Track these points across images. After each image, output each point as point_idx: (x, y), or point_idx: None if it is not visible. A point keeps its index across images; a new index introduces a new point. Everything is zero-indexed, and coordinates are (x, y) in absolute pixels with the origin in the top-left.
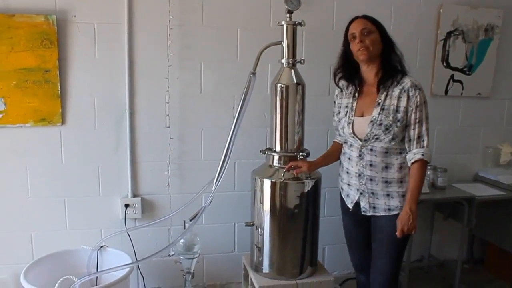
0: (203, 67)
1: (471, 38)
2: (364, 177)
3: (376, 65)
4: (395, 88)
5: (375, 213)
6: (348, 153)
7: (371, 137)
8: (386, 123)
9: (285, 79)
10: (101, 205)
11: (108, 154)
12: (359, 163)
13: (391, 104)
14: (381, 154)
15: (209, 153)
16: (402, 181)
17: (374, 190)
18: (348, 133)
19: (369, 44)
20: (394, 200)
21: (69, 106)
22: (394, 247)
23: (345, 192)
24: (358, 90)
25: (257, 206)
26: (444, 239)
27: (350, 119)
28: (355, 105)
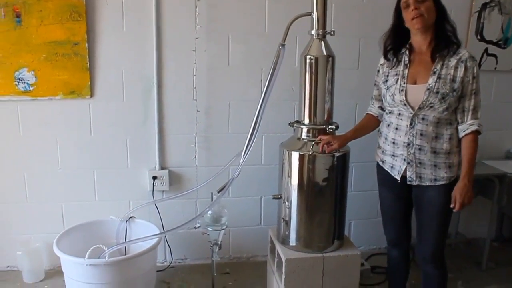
0: (231, 40)
1: (508, 10)
2: (413, 146)
3: (429, 34)
4: (451, 58)
5: (421, 183)
6: (395, 123)
7: (426, 105)
8: (443, 91)
9: (315, 51)
10: (129, 177)
11: (136, 126)
12: (408, 132)
13: (447, 74)
14: (433, 123)
15: (236, 126)
16: (450, 153)
17: (422, 160)
18: (399, 100)
19: (424, 11)
20: (441, 170)
21: (97, 78)
22: (443, 218)
23: (388, 164)
24: (410, 58)
25: (285, 180)
26: (473, 217)
27: (403, 86)
28: (406, 73)
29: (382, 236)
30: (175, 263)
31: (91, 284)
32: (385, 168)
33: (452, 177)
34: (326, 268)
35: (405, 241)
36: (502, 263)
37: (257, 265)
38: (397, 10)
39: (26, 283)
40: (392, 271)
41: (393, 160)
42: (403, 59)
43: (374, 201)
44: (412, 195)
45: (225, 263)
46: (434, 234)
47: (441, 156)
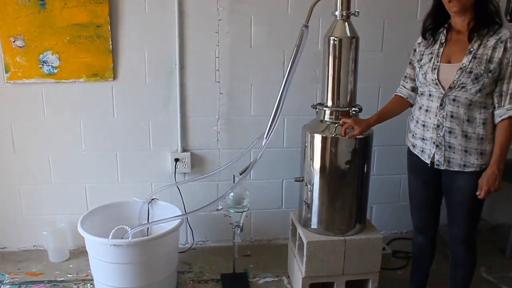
0: (253, 21)
1: None
2: (443, 128)
3: (469, 14)
4: (490, 38)
5: (449, 168)
6: (426, 105)
7: (457, 85)
8: (477, 71)
9: (339, 32)
10: (152, 159)
11: (158, 108)
12: (438, 114)
13: (484, 54)
14: (464, 105)
15: (258, 109)
16: (483, 138)
17: (452, 144)
18: (431, 79)
19: None
20: (471, 157)
21: (120, 61)
22: (473, 205)
23: (419, 148)
24: (447, 37)
25: (307, 162)
26: (497, 203)
27: (436, 64)
28: (441, 52)
29: (403, 220)
30: (196, 244)
31: (115, 264)
32: (416, 153)
33: (484, 165)
34: (348, 251)
35: (432, 228)
36: None
37: (278, 248)
38: None
39: (51, 262)
40: (417, 257)
41: (423, 144)
42: (440, 38)
43: (395, 185)
44: (442, 181)
45: (246, 245)
46: (465, 220)
47: (473, 142)
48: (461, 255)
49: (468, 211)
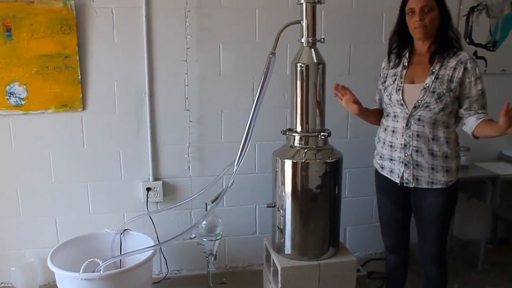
0: (222, 49)
1: (496, 13)
2: (410, 147)
3: (431, 39)
4: (451, 59)
5: (418, 185)
6: (392, 126)
7: (421, 105)
8: (440, 91)
9: (305, 59)
10: (123, 189)
11: (129, 138)
12: (405, 134)
13: (445, 74)
14: (429, 124)
15: (229, 135)
16: (448, 156)
17: (419, 162)
18: (396, 100)
19: (428, 23)
20: (438, 174)
21: (89, 91)
22: (441, 221)
23: (387, 168)
24: (408, 60)
25: (279, 188)
26: (467, 219)
27: (400, 85)
28: (404, 73)
29: (378, 241)
30: (171, 274)
31: None
32: (385, 174)
33: (450, 182)
34: (322, 276)
35: (403, 247)
36: (498, 265)
37: (254, 274)
38: (402, 10)
39: None
40: (390, 277)
41: (391, 164)
42: (403, 61)
43: (369, 206)
44: (411, 200)
45: (221, 272)
46: (434, 237)
47: (439, 159)
48: (433, 273)
49: (438, 228)
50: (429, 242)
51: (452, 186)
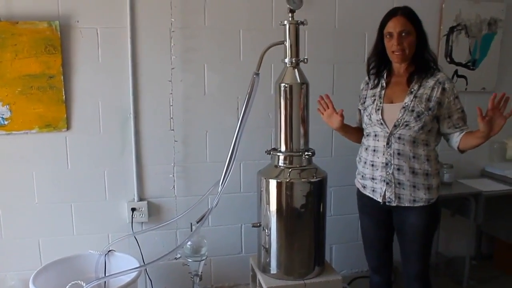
0: (206, 69)
1: (474, 33)
2: (392, 166)
3: (408, 62)
4: (429, 80)
5: (400, 204)
6: (373, 145)
7: (401, 123)
8: (418, 110)
9: (289, 79)
10: (108, 210)
11: (113, 158)
12: (386, 152)
13: (424, 93)
14: (409, 143)
15: (214, 155)
16: (428, 174)
17: (401, 180)
18: (376, 119)
19: (406, 47)
20: (420, 192)
21: (74, 111)
22: (424, 240)
23: (369, 188)
24: (386, 81)
25: (264, 207)
26: (452, 236)
27: (379, 105)
28: (383, 94)
29: (364, 259)
30: None
31: None
32: (367, 193)
33: (431, 199)
34: None
35: (386, 266)
36: (483, 281)
37: None
38: (381, 31)
39: None
40: None
41: (373, 183)
42: (381, 82)
43: (354, 224)
44: (393, 219)
45: None
46: (418, 255)
47: (420, 177)
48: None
49: (421, 246)
50: (413, 260)
51: (433, 204)
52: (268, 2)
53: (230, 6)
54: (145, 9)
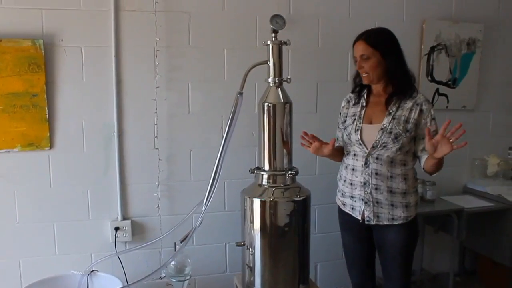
0: (191, 88)
1: (454, 52)
2: (369, 185)
3: (384, 82)
4: (407, 101)
5: (379, 222)
6: (352, 164)
7: (379, 144)
8: (396, 131)
9: (272, 98)
10: (91, 229)
11: (97, 177)
12: (364, 172)
13: (402, 115)
14: (387, 163)
15: (198, 174)
16: (406, 193)
17: (379, 199)
18: (355, 139)
19: (368, 70)
20: (398, 210)
21: (57, 130)
22: (404, 257)
23: (349, 206)
24: (366, 100)
25: (247, 226)
26: (436, 253)
27: (358, 126)
28: (363, 114)
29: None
30: None
31: None
32: (347, 211)
33: (410, 217)
34: None
35: (370, 283)
36: None
37: None
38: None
39: None
40: None
41: (352, 201)
42: (361, 101)
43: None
44: (374, 237)
45: None
46: (399, 273)
47: (398, 196)
48: None
49: (401, 264)
50: (394, 277)
51: (412, 221)
52: (252, 22)
53: (214, 26)
54: (130, 28)
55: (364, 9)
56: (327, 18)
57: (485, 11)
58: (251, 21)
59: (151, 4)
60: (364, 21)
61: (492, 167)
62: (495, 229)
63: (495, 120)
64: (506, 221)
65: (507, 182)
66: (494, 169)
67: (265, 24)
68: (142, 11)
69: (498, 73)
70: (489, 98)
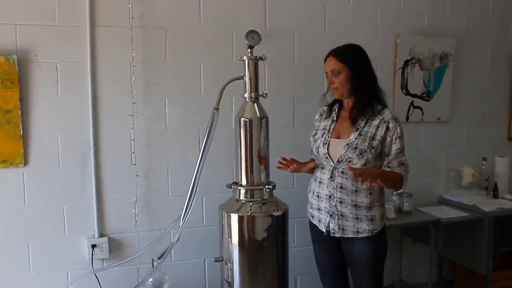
0: (168, 103)
1: (428, 66)
2: (334, 199)
3: (354, 97)
4: (375, 117)
5: (344, 235)
6: (319, 177)
7: (344, 159)
8: (362, 147)
9: (248, 113)
10: (67, 247)
11: (73, 193)
12: (330, 185)
13: (368, 131)
14: (352, 177)
15: (176, 189)
16: (371, 206)
17: (344, 213)
18: (322, 153)
19: (338, 85)
20: (362, 223)
21: (31, 146)
22: (373, 269)
23: (316, 218)
24: (337, 115)
25: (226, 241)
26: (414, 263)
27: (326, 140)
28: (332, 128)
29: None
30: None
31: None
32: (314, 223)
33: (375, 230)
34: None
35: None
36: None
37: None
38: None
39: None
40: None
41: (319, 214)
42: (332, 116)
43: None
44: (343, 249)
45: None
46: (368, 285)
47: (362, 209)
48: None
49: (370, 276)
50: None
51: (378, 234)
52: (228, 37)
53: (190, 41)
54: (105, 43)
55: (339, 24)
56: (303, 33)
57: (456, 26)
58: (228, 36)
59: (127, 19)
60: (339, 36)
61: (466, 177)
62: (471, 238)
63: (469, 131)
64: (481, 231)
65: (481, 192)
66: (469, 180)
67: (242, 39)
68: (118, 27)
69: (470, 85)
70: (463, 110)
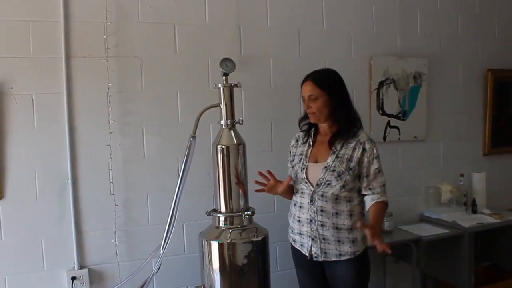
0: (145, 132)
1: (402, 86)
2: (315, 222)
3: (330, 122)
4: (351, 140)
5: (327, 259)
6: (300, 201)
7: (323, 182)
8: (339, 170)
9: (225, 140)
10: (46, 280)
11: (51, 225)
12: (310, 209)
13: (345, 153)
14: (332, 200)
15: (156, 217)
16: (352, 228)
17: (325, 236)
18: (301, 178)
19: (315, 110)
20: (345, 246)
21: (7, 179)
22: None
23: (298, 242)
24: (313, 140)
25: (207, 268)
26: (397, 282)
27: (304, 164)
28: (309, 153)
29: None
30: None
31: None
32: (297, 247)
33: (357, 252)
34: None
35: None
36: None
37: None
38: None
39: None
40: None
41: (301, 238)
42: (308, 141)
43: None
44: (325, 273)
45: None
46: None
47: (344, 232)
48: None
49: None
50: None
51: (360, 256)
52: (204, 65)
53: (166, 69)
54: (81, 74)
55: (314, 48)
56: (278, 59)
57: (428, 46)
58: (203, 63)
59: (102, 50)
60: (314, 60)
61: (445, 194)
62: (453, 255)
63: (446, 149)
64: (462, 246)
65: (461, 208)
66: (448, 196)
67: (217, 66)
68: (94, 57)
69: (444, 103)
70: (438, 128)
